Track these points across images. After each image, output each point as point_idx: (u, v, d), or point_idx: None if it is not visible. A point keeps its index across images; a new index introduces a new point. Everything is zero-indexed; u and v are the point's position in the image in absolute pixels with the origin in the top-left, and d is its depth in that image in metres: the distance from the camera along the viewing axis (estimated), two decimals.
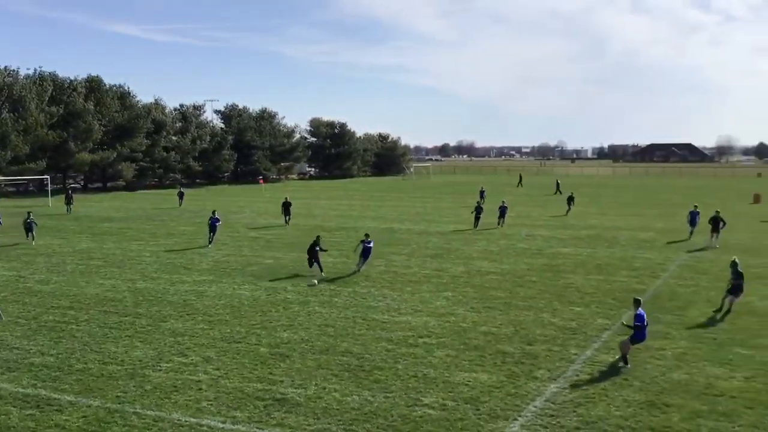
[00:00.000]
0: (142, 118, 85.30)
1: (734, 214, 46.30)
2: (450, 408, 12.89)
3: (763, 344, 16.96)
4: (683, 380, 14.40)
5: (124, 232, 40.07)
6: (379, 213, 52.37)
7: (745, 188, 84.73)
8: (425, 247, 33.78)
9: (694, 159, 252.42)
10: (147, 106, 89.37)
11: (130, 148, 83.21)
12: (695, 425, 12.09)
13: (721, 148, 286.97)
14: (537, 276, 26.01)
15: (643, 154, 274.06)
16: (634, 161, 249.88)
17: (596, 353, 16.31)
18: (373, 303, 21.57)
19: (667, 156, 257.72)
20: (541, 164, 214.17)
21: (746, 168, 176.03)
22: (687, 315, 19.91)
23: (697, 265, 28.27)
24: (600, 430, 11.93)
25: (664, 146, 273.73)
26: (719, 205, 51.62)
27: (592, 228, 41.61)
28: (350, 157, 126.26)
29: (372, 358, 15.91)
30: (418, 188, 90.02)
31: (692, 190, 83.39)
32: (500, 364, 15.48)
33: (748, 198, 66.99)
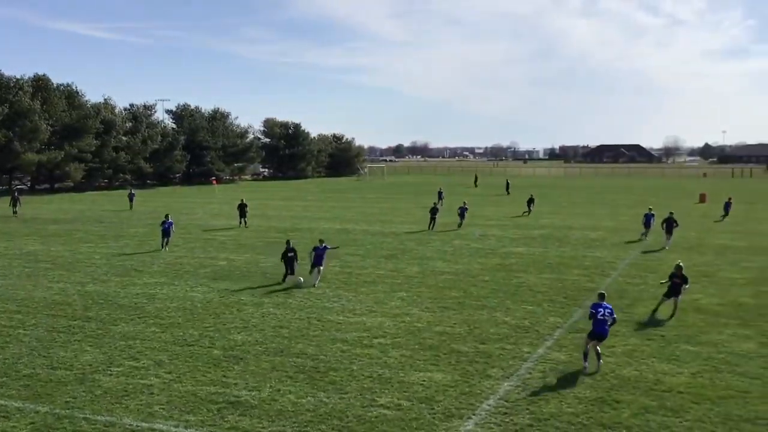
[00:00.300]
0: (91, 118, 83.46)
1: (681, 213, 47.45)
2: (405, 408, 12.96)
3: (709, 341, 17.45)
4: (633, 376, 14.72)
5: (72, 234, 39.19)
6: (334, 214, 52.28)
7: (691, 188, 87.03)
8: (380, 247, 33.85)
9: (642, 160, 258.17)
10: (96, 105, 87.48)
11: (79, 149, 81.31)
12: (644, 420, 12.38)
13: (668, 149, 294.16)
14: (490, 275, 26.30)
15: (593, 154, 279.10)
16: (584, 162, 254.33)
17: (548, 351, 16.57)
18: (328, 304, 21.53)
19: (616, 157, 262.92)
20: (495, 165, 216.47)
21: (692, 168, 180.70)
22: (635, 312, 20.37)
23: (645, 264, 28.92)
24: (552, 427, 12.12)
25: (613, 147, 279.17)
26: (668, 204, 52.96)
27: (544, 227, 42.23)
28: (304, 157, 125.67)
29: (327, 360, 15.89)
30: (372, 189, 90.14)
31: (640, 191, 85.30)
32: (454, 364, 15.61)
33: (694, 198, 68.78)
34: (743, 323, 19.10)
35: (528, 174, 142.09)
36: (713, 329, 18.49)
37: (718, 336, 17.84)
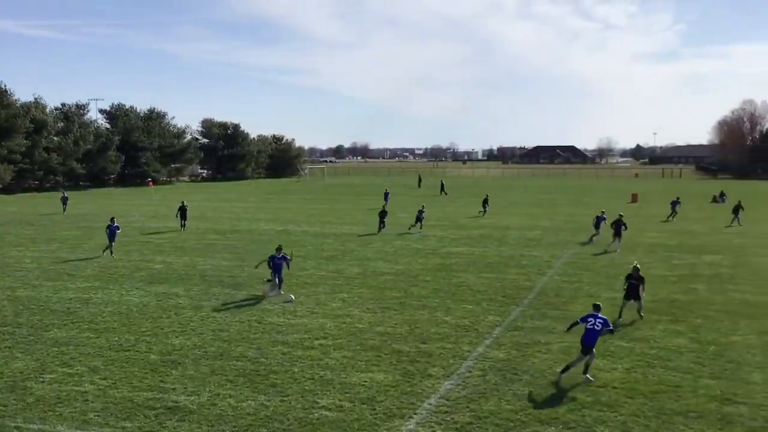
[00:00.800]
0: (21, 117, 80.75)
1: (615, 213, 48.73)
2: (347, 409, 12.95)
3: (642, 337, 17.97)
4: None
5: (1, 237, 37.82)
6: (275, 215, 51.87)
7: (623, 188, 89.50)
8: (321, 248, 33.74)
9: (576, 160, 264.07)
10: (26, 105, 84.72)
11: (8, 149, 78.56)
12: (580, 416, 12.68)
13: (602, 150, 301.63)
14: (431, 275, 26.51)
15: (530, 155, 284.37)
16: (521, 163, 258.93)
17: (488, 350, 16.80)
18: (268, 306, 21.34)
19: (552, 158, 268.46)
20: (434, 165, 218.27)
21: (624, 169, 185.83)
22: (571, 310, 20.82)
23: (580, 262, 29.61)
24: (492, 424, 12.30)
25: (549, 148, 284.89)
26: (602, 204, 54.36)
27: (483, 227, 42.80)
28: (244, 158, 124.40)
29: (268, 362, 15.75)
30: (313, 190, 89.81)
31: (575, 191, 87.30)
32: (396, 364, 15.68)
33: (626, 197, 70.76)
34: (675, 319, 19.74)
35: (467, 175, 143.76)
36: (646, 325, 19.06)
37: (650, 332, 18.40)
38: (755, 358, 16.06)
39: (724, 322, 19.29)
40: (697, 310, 20.70)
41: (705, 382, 14.47)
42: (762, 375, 14.85)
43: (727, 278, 25.88)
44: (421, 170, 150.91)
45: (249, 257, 30.67)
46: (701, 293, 23.22)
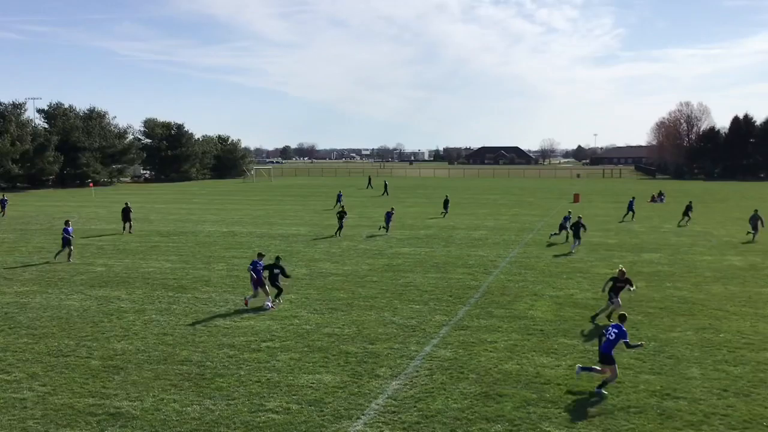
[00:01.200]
0: None
1: (558, 212, 49.66)
2: (294, 411, 12.86)
3: (584, 333, 18.34)
4: (514, 370, 15.26)
5: None
6: (220, 216, 51.21)
7: (566, 188, 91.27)
8: (267, 250, 33.42)
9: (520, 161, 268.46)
10: None
11: None
12: (526, 413, 12.87)
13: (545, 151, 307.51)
14: (378, 276, 26.55)
15: (475, 156, 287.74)
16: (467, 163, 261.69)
17: (435, 349, 16.91)
18: (214, 308, 21.06)
19: (497, 158, 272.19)
20: (381, 166, 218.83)
21: (566, 169, 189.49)
22: (516, 308, 21.13)
23: (525, 262, 30.05)
24: (439, 423, 12.38)
25: (494, 149, 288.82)
26: (545, 204, 55.28)
27: (430, 228, 43.08)
28: (188, 159, 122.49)
29: (213, 366, 15.54)
30: (259, 191, 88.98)
31: (519, 191, 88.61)
32: (344, 365, 15.65)
33: (569, 197, 72.18)
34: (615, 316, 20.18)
35: (414, 175, 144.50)
36: (588, 323, 19.45)
37: (593, 329, 18.77)
38: (693, 353, 16.55)
39: (663, 319, 19.83)
40: (637, 308, 21.22)
41: (645, 377, 14.84)
42: (700, 370, 15.31)
43: (665, 276, 26.61)
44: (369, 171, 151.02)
45: (194, 259, 30.23)
46: (641, 291, 23.80)
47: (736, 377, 14.77)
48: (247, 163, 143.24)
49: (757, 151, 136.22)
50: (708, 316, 20.22)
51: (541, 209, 58.66)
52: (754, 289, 23.98)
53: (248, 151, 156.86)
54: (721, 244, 35.74)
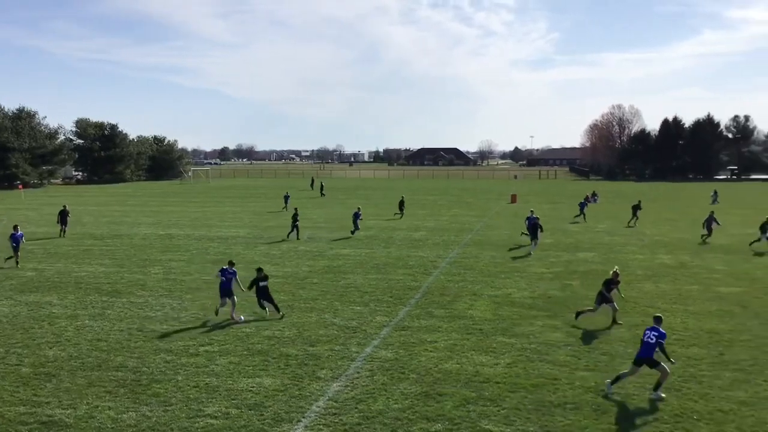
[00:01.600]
0: None
1: (496, 213, 50.37)
2: (233, 416, 12.70)
3: (522, 332, 18.66)
4: (454, 370, 15.41)
5: None
6: (156, 219, 50.16)
7: (503, 189, 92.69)
8: (206, 252, 32.95)
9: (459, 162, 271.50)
10: None
11: None
12: (465, 411, 13.01)
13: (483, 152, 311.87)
14: (318, 277, 26.44)
15: (415, 157, 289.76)
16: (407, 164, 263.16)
17: (376, 350, 16.93)
18: (150, 313, 20.62)
19: (436, 159, 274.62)
20: (321, 167, 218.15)
21: (504, 171, 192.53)
22: (456, 308, 21.34)
23: (464, 262, 30.38)
24: (380, 423, 12.40)
25: (433, 150, 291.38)
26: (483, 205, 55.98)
27: (370, 229, 43.13)
28: (123, 160, 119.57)
29: (150, 371, 15.21)
30: (197, 193, 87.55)
31: (458, 192, 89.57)
32: (284, 368, 15.53)
33: (506, 198, 73.33)
34: (552, 314, 20.62)
35: (354, 176, 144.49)
36: (525, 321, 19.80)
37: (530, 327, 19.12)
38: (627, 350, 17.01)
39: (598, 317, 20.31)
40: (573, 306, 21.70)
41: (581, 374, 15.18)
42: None
43: (599, 275, 27.22)
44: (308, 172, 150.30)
45: (129, 263, 29.55)
46: (576, 289, 24.37)
47: None
48: (185, 165, 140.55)
49: (685, 153, 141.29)
50: (640, 313, 20.82)
51: (480, 210, 59.42)
52: (683, 287, 24.80)
53: (185, 152, 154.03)
54: (653, 243, 36.85)
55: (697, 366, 15.69)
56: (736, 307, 21.55)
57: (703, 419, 12.61)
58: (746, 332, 18.55)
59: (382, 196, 78.30)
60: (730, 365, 15.73)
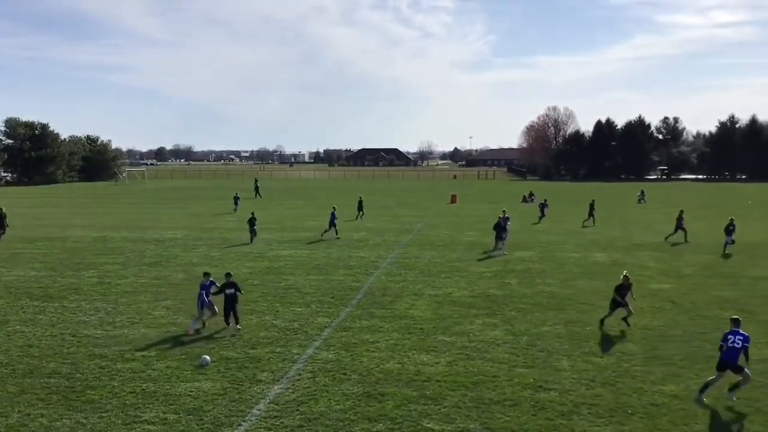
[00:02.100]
0: None
1: (436, 213, 50.77)
2: (171, 421, 12.47)
3: (462, 331, 18.87)
4: (396, 369, 15.48)
5: None
6: (90, 221, 48.82)
7: (443, 189, 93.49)
8: (142, 255, 32.24)
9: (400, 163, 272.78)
10: None
11: None
12: (407, 411, 13.08)
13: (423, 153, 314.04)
14: (259, 279, 26.19)
15: (356, 158, 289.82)
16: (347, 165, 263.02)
17: (317, 351, 16.88)
18: (84, 318, 20.07)
19: (377, 160, 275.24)
20: (261, 168, 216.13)
21: (444, 171, 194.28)
22: (397, 308, 21.44)
23: (405, 262, 30.54)
24: (322, 425, 12.37)
25: (374, 151, 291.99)
26: (424, 206, 56.31)
27: (311, 230, 42.91)
28: (54, 161, 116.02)
29: (84, 378, 14.81)
30: (132, 194, 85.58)
31: (399, 192, 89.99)
32: (224, 371, 15.33)
33: (446, 198, 74.02)
34: (491, 313, 20.91)
35: (294, 177, 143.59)
36: (465, 320, 20.03)
37: (470, 326, 19.36)
38: (563, 346, 17.39)
39: (535, 314, 20.72)
40: (511, 304, 22.07)
41: (519, 371, 15.44)
42: (569, 362, 16.11)
43: (536, 273, 27.81)
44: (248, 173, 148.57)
45: (61, 267, 28.70)
46: (514, 287, 24.78)
47: (603, 368, 15.66)
48: (119, 165, 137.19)
49: (618, 153, 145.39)
50: (576, 310, 21.32)
51: (420, 210, 59.83)
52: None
53: (120, 152, 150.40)
54: (587, 242, 37.75)
55: (631, 361, 16.15)
56: (667, 303, 22.27)
57: (636, 413, 12.99)
58: (677, 327, 19.20)
59: (322, 197, 78.02)
60: (662, 360, 16.25)
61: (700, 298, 23.03)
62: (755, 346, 17.23)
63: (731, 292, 23.87)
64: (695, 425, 12.36)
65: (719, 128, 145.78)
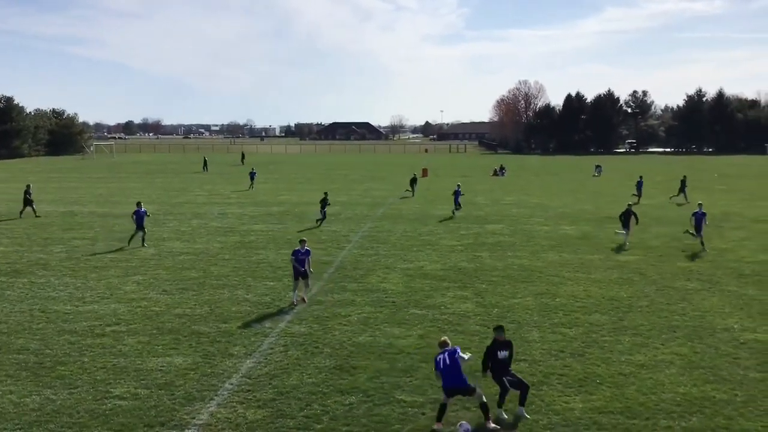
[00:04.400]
0: None
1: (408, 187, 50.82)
2: (143, 396, 12.43)
3: (434, 304, 19.00)
4: (368, 342, 15.57)
5: None
6: (57, 195, 48.10)
7: (414, 163, 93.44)
8: (111, 230, 31.89)
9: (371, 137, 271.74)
10: None
11: None
12: (379, 383, 13.18)
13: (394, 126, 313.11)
14: (230, 254, 26.07)
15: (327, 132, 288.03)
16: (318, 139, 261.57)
17: (290, 325, 16.89)
18: (53, 293, 19.84)
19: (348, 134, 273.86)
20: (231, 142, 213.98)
21: (415, 145, 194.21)
22: (369, 282, 21.52)
23: (377, 236, 30.60)
24: (294, 398, 12.42)
25: (345, 125, 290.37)
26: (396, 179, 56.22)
27: (282, 204, 42.77)
28: (19, 135, 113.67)
29: (54, 353, 14.68)
30: (100, 168, 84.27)
31: (371, 166, 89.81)
32: (196, 346, 15.29)
33: (417, 172, 73.99)
34: (462, 286, 21.08)
35: (266, 151, 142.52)
36: (437, 293, 20.17)
37: (441, 299, 19.50)
38: (533, 317, 17.62)
39: (506, 287, 20.93)
40: (482, 277, 22.26)
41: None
42: (539, 333, 16.33)
43: (507, 246, 28.05)
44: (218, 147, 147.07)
45: (29, 242, 28.30)
46: (485, 260, 24.98)
47: (572, 339, 15.90)
48: (86, 139, 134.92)
49: (587, 127, 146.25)
50: (545, 282, 21.57)
51: (392, 184, 59.85)
52: (585, 256, 25.81)
53: (87, 126, 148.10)
54: (556, 214, 38.12)
55: (599, 332, 16.42)
56: (635, 274, 22.63)
57: (605, 383, 13.24)
58: (644, 298, 19.53)
59: (294, 172, 77.66)
60: (629, 330, 16.54)
61: (667, 269, 23.43)
62: (720, 316, 17.67)
63: (697, 264, 24.32)
64: (662, 394, 12.63)
65: (687, 102, 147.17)
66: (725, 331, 16.45)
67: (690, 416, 11.70)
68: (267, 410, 11.90)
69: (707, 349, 15.16)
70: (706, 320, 17.35)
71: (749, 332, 16.37)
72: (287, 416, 11.67)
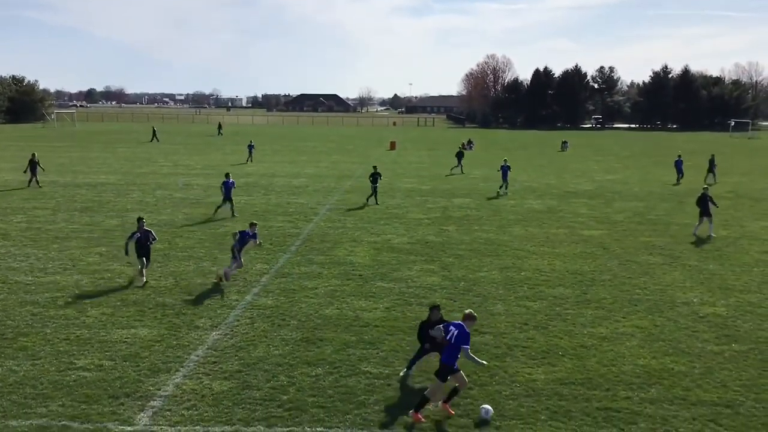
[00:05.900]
0: None
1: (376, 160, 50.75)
2: (107, 368, 12.33)
3: (400, 277, 19.09)
4: (334, 315, 15.62)
5: None
6: (17, 164, 46.97)
7: (383, 136, 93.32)
8: (73, 200, 31.34)
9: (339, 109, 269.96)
10: None
11: None
12: (346, 355, 13.25)
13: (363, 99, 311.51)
14: (197, 226, 25.84)
15: (294, 103, 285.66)
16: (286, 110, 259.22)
17: (256, 297, 16.85)
18: (14, 264, 19.50)
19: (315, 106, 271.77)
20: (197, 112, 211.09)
21: (383, 118, 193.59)
22: (336, 254, 21.52)
23: (344, 208, 30.56)
24: (260, 370, 12.43)
25: (313, 96, 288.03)
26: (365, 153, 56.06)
27: (249, 176, 42.42)
28: None
29: (15, 325, 14.47)
30: (61, 137, 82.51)
31: (338, 138, 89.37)
32: (161, 318, 15.19)
33: (386, 145, 73.94)
34: (429, 259, 21.19)
35: (232, 122, 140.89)
36: (404, 266, 20.26)
37: (408, 272, 19.59)
38: (498, 291, 17.81)
39: (472, 260, 21.10)
40: (449, 250, 22.40)
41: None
42: (504, 306, 16.53)
43: (474, 219, 28.23)
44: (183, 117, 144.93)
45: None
46: (452, 234, 25.12)
47: (536, 311, 16.13)
48: (47, 107, 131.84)
49: (555, 102, 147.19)
50: (511, 256, 21.79)
51: (360, 156, 59.65)
52: (551, 230, 26.10)
53: (48, 94, 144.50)
54: (523, 189, 38.41)
55: (563, 305, 16.68)
56: (598, 249, 22.97)
57: (567, 354, 13.48)
58: (607, 272, 19.86)
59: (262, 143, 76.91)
60: (592, 303, 16.83)
61: (630, 244, 23.82)
62: (680, 290, 18.06)
63: (660, 239, 24.76)
64: (623, 366, 12.91)
65: (652, 78, 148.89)
66: (685, 305, 16.82)
67: (649, 387, 11.99)
68: (233, 381, 11.91)
69: (667, 322, 15.51)
70: (666, 294, 17.72)
71: (708, 306, 16.77)
72: (253, 387, 11.69)
